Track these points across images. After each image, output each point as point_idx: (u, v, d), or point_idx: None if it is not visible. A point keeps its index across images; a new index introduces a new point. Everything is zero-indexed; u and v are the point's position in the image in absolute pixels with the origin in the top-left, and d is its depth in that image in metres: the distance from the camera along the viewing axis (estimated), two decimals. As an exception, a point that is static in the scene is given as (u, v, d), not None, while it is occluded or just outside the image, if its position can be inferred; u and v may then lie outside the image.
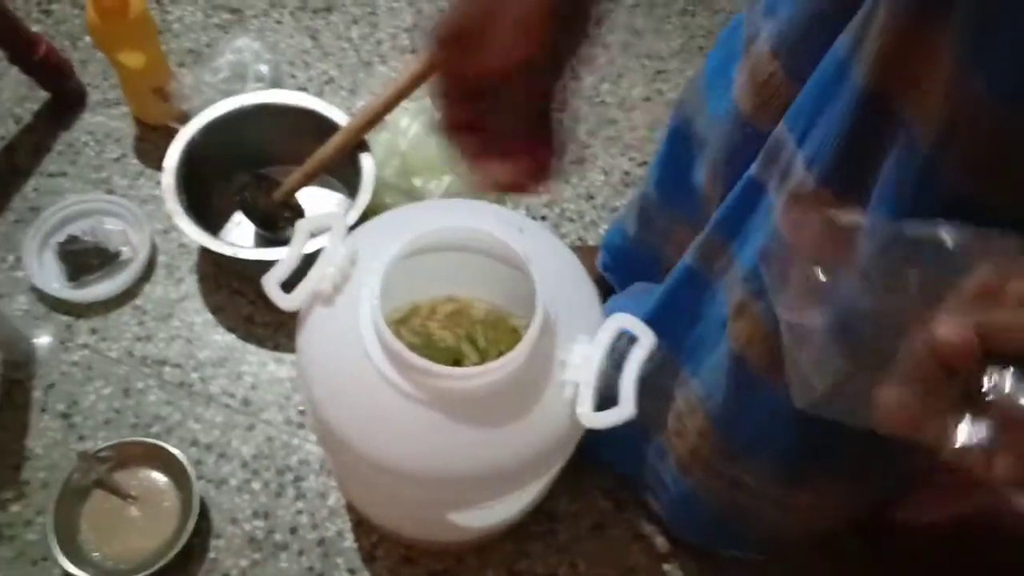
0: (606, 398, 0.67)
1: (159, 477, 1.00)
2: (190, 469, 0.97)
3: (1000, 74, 0.44)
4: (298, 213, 1.13)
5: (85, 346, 1.10)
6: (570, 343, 0.68)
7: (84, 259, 1.13)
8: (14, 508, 0.98)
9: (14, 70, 1.25)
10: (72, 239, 1.15)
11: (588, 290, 0.75)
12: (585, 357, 0.67)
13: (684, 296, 0.77)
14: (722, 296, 0.72)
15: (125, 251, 1.15)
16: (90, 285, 1.13)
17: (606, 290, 1.07)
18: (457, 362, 0.85)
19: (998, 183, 0.47)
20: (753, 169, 0.65)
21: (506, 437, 0.68)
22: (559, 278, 0.72)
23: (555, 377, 0.68)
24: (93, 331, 1.11)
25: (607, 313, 0.70)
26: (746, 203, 0.67)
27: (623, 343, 0.68)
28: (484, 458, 0.68)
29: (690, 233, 0.77)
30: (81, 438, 1.03)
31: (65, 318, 1.11)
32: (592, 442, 0.74)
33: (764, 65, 0.68)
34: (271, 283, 0.68)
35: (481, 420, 0.67)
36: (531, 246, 0.71)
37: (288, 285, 0.70)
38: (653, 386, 0.70)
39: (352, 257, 0.71)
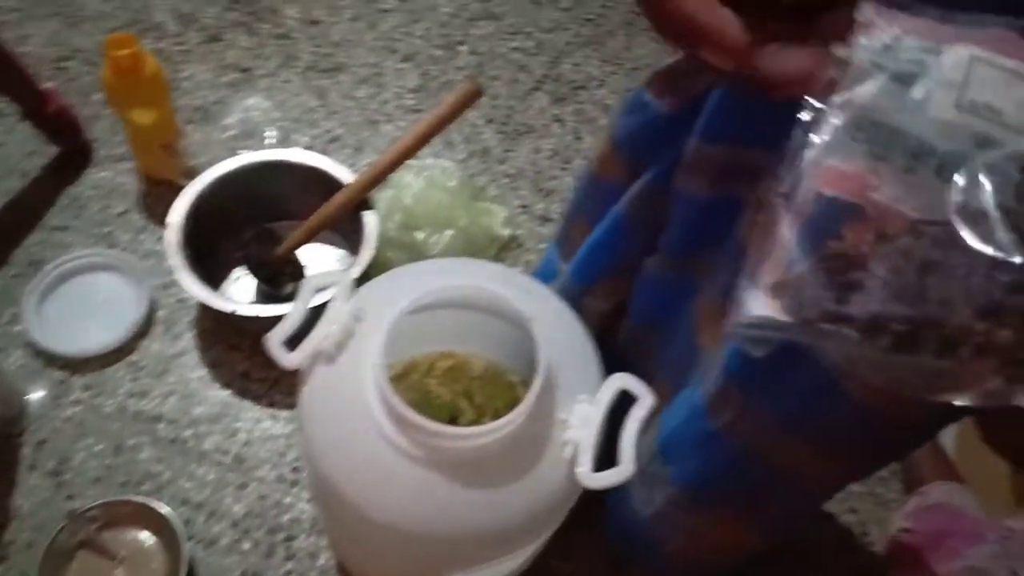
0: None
1: (148, 537, 0.97)
2: (180, 529, 0.94)
3: None
4: (298, 269, 1.13)
5: (78, 402, 1.09)
6: (570, 402, 0.68)
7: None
8: (-3, 569, 0.96)
9: (23, 125, 1.27)
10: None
11: (588, 350, 0.75)
12: (585, 417, 0.66)
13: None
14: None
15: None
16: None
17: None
18: (453, 419, 0.84)
19: None
20: None
21: (505, 497, 0.67)
22: (560, 337, 0.72)
23: (555, 437, 0.67)
24: (87, 387, 1.10)
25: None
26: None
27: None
28: (482, 518, 0.66)
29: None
30: (70, 496, 1.01)
31: (60, 373, 1.10)
32: None
33: None
34: (274, 343, 0.68)
35: (480, 479, 0.66)
36: (534, 305, 0.71)
37: (289, 341, 0.70)
38: None
39: (356, 315, 0.70)
